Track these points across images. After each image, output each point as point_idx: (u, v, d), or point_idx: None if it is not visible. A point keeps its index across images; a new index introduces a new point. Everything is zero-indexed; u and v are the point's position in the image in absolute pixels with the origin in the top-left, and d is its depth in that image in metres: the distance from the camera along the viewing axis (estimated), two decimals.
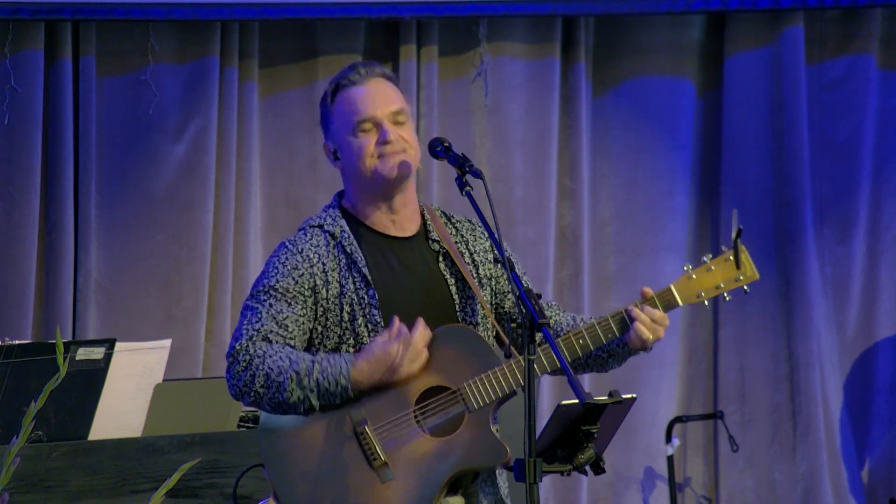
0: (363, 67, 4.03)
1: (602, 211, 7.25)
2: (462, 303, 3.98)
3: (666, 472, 7.11)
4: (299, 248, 3.95)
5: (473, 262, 4.04)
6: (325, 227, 3.98)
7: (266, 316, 3.89)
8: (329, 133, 4.06)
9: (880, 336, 7.33)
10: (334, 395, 3.85)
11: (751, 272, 3.98)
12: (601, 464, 4.10)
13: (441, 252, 4.01)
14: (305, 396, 3.84)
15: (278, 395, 3.84)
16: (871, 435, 7.32)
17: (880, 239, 7.32)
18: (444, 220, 4.08)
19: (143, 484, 4.88)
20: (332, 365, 3.85)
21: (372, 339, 3.89)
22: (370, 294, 3.92)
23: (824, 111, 7.29)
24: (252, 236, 6.82)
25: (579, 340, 3.93)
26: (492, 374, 3.89)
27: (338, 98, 4.02)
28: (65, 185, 6.60)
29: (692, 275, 3.96)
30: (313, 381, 3.83)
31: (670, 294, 3.94)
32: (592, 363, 4.04)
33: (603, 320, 3.94)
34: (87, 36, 6.64)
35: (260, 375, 3.84)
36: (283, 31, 6.90)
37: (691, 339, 7.31)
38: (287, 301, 3.90)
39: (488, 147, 7.09)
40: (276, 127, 6.91)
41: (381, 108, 3.98)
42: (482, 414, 3.89)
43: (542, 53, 7.11)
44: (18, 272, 6.55)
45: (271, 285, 3.92)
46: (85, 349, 4.94)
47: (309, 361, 3.85)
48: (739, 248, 3.96)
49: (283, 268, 3.93)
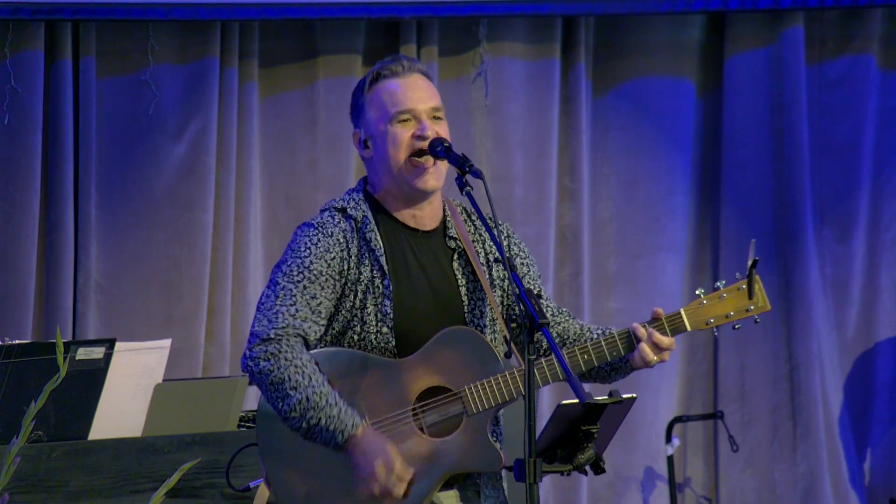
0: (406, 60, 4.01)
1: (602, 211, 7.25)
2: (471, 304, 3.97)
3: (666, 472, 7.11)
4: (329, 230, 3.93)
5: (488, 263, 4.03)
6: (347, 210, 3.97)
7: (301, 300, 3.86)
8: (362, 121, 4.01)
9: (880, 336, 7.33)
10: (322, 439, 3.83)
11: (762, 303, 3.99)
12: (601, 464, 4.10)
13: (457, 250, 4.00)
14: (300, 423, 3.82)
15: (280, 403, 3.83)
16: (871, 435, 7.32)
17: (880, 239, 7.32)
18: (465, 216, 4.07)
19: (143, 484, 4.88)
20: (340, 418, 3.81)
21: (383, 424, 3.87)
22: (385, 284, 3.92)
23: (824, 111, 7.29)
24: (252, 236, 6.82)
25: (584, 356, 3.93)
26: (493, 380, 3.88)
27: (377, 87, 3.98)
28: (65, 185, 6.60)
29: (703, 300, 3.97)
30: (316, 417, 3.81)
31: (679, 318, 3.96)
32: (595, 375, 4.04)
33: (609, 338, 3.94)
34: (87, 36, 6.64)
35: (276, 376, 3.82)
36: (283, 31, 6.90)
37: (691, 339, 7.31)
38: (320, 284, 3.88)
39: (488, 147, 7.09)
40: (276, 127, 6.91)
41: (422, 102, 3.98)
42: (480, 419, 3.89)
43: (542, 53, 7.11)
44: (18, 272, 6.55)
45: (306, 266, 3.89)
46: (85, 349, 4.94)
47: (324, 398, 3.81)
48: (754, 279, 3.97)
49: (315, 249, 3.91)
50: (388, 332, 3.90)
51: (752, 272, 3.97)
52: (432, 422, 3.90)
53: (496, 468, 3.92)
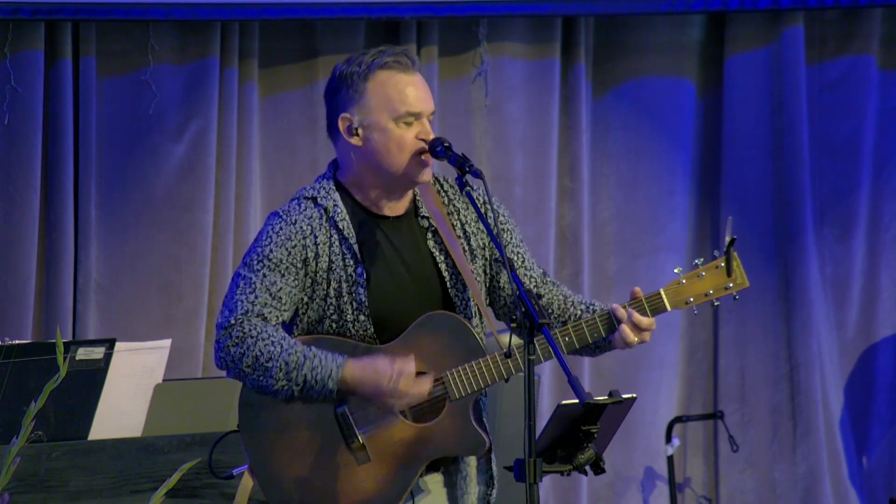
0: (408, 57, 3.94)
1: (602, 211, 7.25)
2: (452, 279, 3.96)
3: (666, 472, 7.11)
4: (293, 219, 3.92)
5: (465, 234, 4.00)
6: (318, 199, 3.95)
7: (260, 287, 3.86)
8: (355, 106, 3.91)
9: (880, 336, 7.33)
10: (319, 394, 3.84)
11: (741, 280, 3.98)
12: (601, 464, 4.10)
13: (430, 228, 3.98)
14: (290, 388, 3.83)
15: (263, 380, 3.83)
16: (871, 435, 7.32)
17: (880, 239, 7.32)
18: (437, 186, 4.03)
19: (143, 484, 4.88)
20: (322, 365, 3.83)
21: (372, 353, 3.87)
22: (358, 272, 3.90)
23: (824, 111, 7.29)
24: (252, 236, 6.81)
25: (565, 338, 3.92)
26: (475, 364, 3.88)
27: (381, 77, 3.90)
28: (65, 185, 6.60)
29: (682, 279, 3.97)
30: (301, 375, 3.82)
31: (659, 298, 3.96)
32: (583, 350, 4.02)
33: (591, 320, 3.93)
34: (87, 36, 6.63)
35: (249, 356, 3.83)
36: (283, 31, 6.90)
37: (691, 339, 7.31)
38: (280, 272, 3.87)
39: (488, 147, 7.09)
40: (276, 127, 6.91)
41: (429, 106, 3.95)
42: (463, 403, 3.89)
43: (542, 53, 7.11)
44: (18, 272, 6.55)
45: (265, 255, 3.88)
46: (85, 349, 4.94)
47: (300, 354, 3.83)
48: (731, 256, 3.96)
49: (276, 237, 3.90)
50: (365, 320, 3.89)
51: (730, 249, 3.96)
52: (415, 409, 3.90)
53: (481, 452, 3.93)
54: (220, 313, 3.90)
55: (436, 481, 3.96)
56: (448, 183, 4.05)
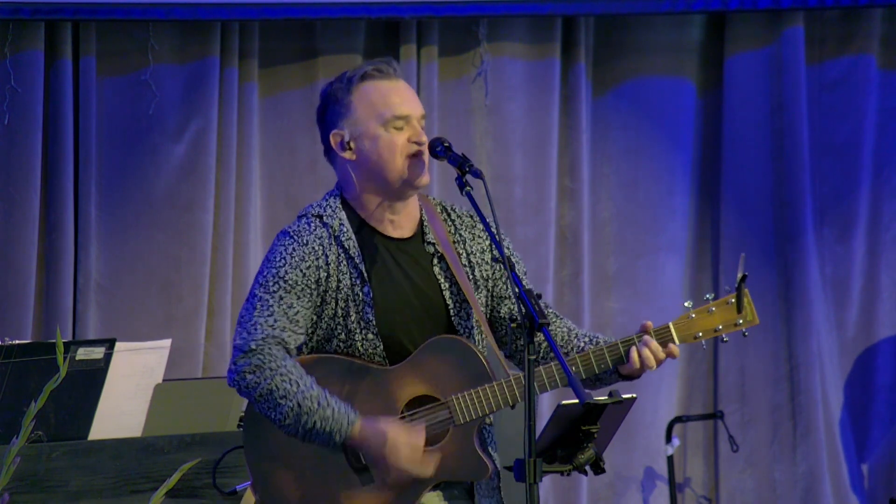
0: (393, 65, 3.95)
1: (602, 211, 7.25)
2: (456, 307, 3.95)
3: (666, 472, 7.11)
4: (304, 239, 3.92)
5: (470, 264, 4.00)
6: (324, 218, 3.95)
7: (278, 310, 3.84)
8: (344, 121, 3.94)
9: (880, 336, 7.33)
10: (322, 441, 3.83)
11: (751, 317, 3.98)
12: (601, 464, 4.10)
13: (436, 255, 3.98)
14: (296, 429, 3.82)
15: (271, 413, 3.82)
16: (871, 435, 7.32)
17: (880, 239, 7.32)
18: (444, 215, 4.03)
19: (143, 484, 4.88)
20: (334, 417, 3.81)
21: (381, 420, 3.85)
22: (365, 291, 3.89)
23: (824, 111, 7.29)
24: (252, 236, 6.82)
25: (572, 368, 3.89)
26: (481, 390, 3.86)
27: (364, 87, 3.93)
28: (65, 185, 6.60)
29: (692, 314, 3.97)
30: (311, 421, 3.80)
31: (668, 332, 3.96)
32: (585, 381, 4.00)
33: (598, 350, 3.92)
34: (87, 36, 6.64)
35: (264, 387, 3.80)
36: (283, 31, 6.90)
37: None
38: (296, 294, 3.86)
39: (488, 147, 7.09)
40: (276, 127, 6.91)
41: (417, 110, 3.94)
42: (467, 428, 3.87)
43: (542, 53, 7.11)
44: (18, 272, 6.55)
45: (281, 276, 3.87)
46: (85, 349, 4.94)
47: (315, 401, 3.80)
48: (743, 293, 3.96)
49: (290, 259, 3.89)
50: (374, 339, 3.89)
51: (742, 286, 3.95)
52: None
53: (483, 477, 3.90)
54: (237, 333, 3.87)
55: (434, 498, 3.95)
56: (455, 213, 4.04)
